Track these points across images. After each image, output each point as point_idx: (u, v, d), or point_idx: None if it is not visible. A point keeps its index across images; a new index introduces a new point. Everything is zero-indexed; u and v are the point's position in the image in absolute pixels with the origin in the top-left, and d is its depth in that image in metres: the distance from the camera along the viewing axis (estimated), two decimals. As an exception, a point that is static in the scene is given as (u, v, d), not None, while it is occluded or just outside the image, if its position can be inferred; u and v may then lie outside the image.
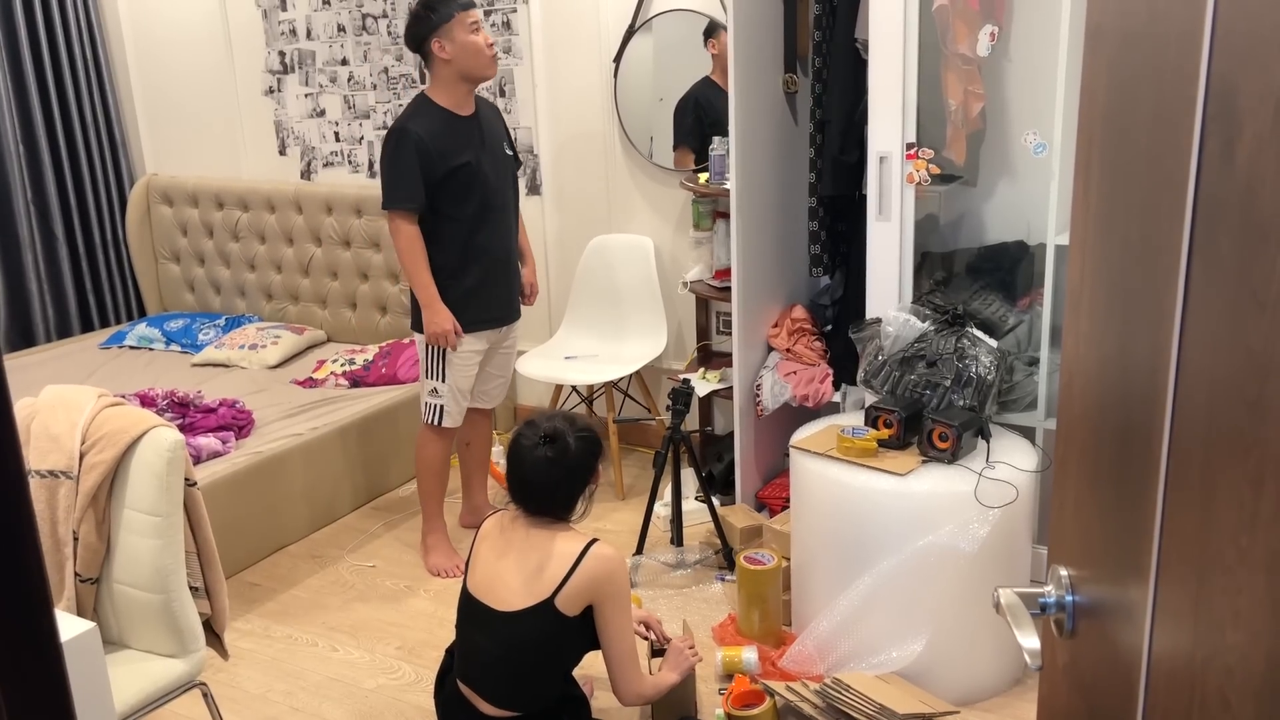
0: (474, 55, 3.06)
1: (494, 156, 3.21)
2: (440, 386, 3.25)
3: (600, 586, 2.21)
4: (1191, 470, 0.83)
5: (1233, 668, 0.77)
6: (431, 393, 3.28)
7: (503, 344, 3.43)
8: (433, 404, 3.28)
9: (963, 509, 2.54)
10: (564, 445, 2.25)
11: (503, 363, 3.48)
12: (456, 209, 3.13)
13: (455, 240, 3.16)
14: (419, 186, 3.07)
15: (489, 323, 3.29)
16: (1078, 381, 1.13)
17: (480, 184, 3.15)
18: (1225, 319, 0.77)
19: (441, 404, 3.27)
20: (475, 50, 3.06)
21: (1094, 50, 1.08)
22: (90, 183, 4.99)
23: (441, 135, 3.08)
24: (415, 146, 3.04)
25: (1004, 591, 1.13)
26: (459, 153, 3.10)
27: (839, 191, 3.24)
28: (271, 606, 3.28)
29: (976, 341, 2.81)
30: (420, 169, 3.06)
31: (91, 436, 2.15)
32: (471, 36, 3.05)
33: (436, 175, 3.08)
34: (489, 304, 3.27)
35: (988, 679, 2.70)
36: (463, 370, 3.26)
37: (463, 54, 3.06)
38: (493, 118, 3.30)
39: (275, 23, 4.64)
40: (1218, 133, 0.78)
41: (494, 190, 3.19)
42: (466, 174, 3.12)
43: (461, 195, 3.13)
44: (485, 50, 3.07)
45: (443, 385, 3.25)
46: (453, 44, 3.04)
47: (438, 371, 3.24)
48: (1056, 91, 2.73)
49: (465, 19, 3.03)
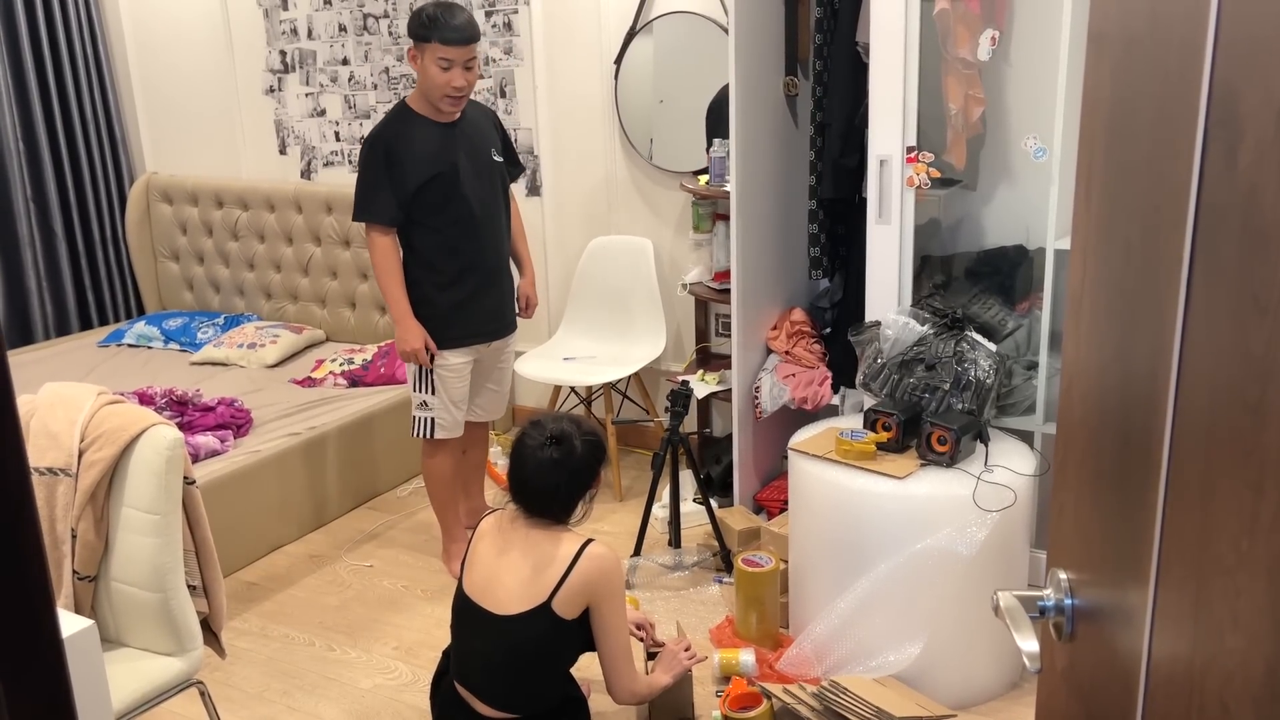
0: (432, 88, 2.98)
1: (478, 164, 3.11)
2: (430, 399, 3.17)
3: (596, 586, 2.21)
4: (1192, 474, 0.83)
5: (1232, 672, 0.77)
6: (420, 405, 3.20)
7: (498, 359, 3.36)
8: (422, 417, 3.20)
9: (961, 512, 2.55)
10: (569, 448, 2.25)
11: (499, 377, 3.41)
12: (435, 219, 3.05)
13: (437, 252, 3.08)
14: (389, 198, 3.00)
15: (476, 337, 3.20)
16: (1078, 385, 1.13)
17: (460, 193, 3.06)
18: (1226, 323, 0.77)
19: (432, 416, 3.19)
20: (434, 84, 2.97)
21: (1096, 56, 1.08)
22: (90, 180, 4.99)
23: (415, 144, 3.01)
24: (385, 157, 2.99)
25: (1003, 594, 1.13)
26: (433, 162, 3.02)
27: (839, 194, 3.25)
28: (269, 606, 3.27)
29: (975, 345, 2.81)
30: (390, 180, 2.99)
31: (91, 434, 2.15)
32: (435, 69, 2.95)
33: (410, 186, 3.00)
34: (475, 318, 3.18)
35: (985, 683, 2.70)
36: (453, 383, 3.19)
37: (424, 79, 2.99)
38: (481, 122, 3.20)
39: (276, 22, 4.64)
40: (1220, 138, 0.79)
41: (477, 199, 3.09)
42: (443, 183, 3.03)
43: (439, 205, 3.05)
44: (444, 88, 2.96)
45: (433, 398, 3.17)
46: (421, 64, 2.98)
47: (426, 384, 3.16)
48: (1057, 96, 2.74)
49: (436, 51, 2.93)
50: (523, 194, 4.25)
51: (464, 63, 2.97)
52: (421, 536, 3.67)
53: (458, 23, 2.95)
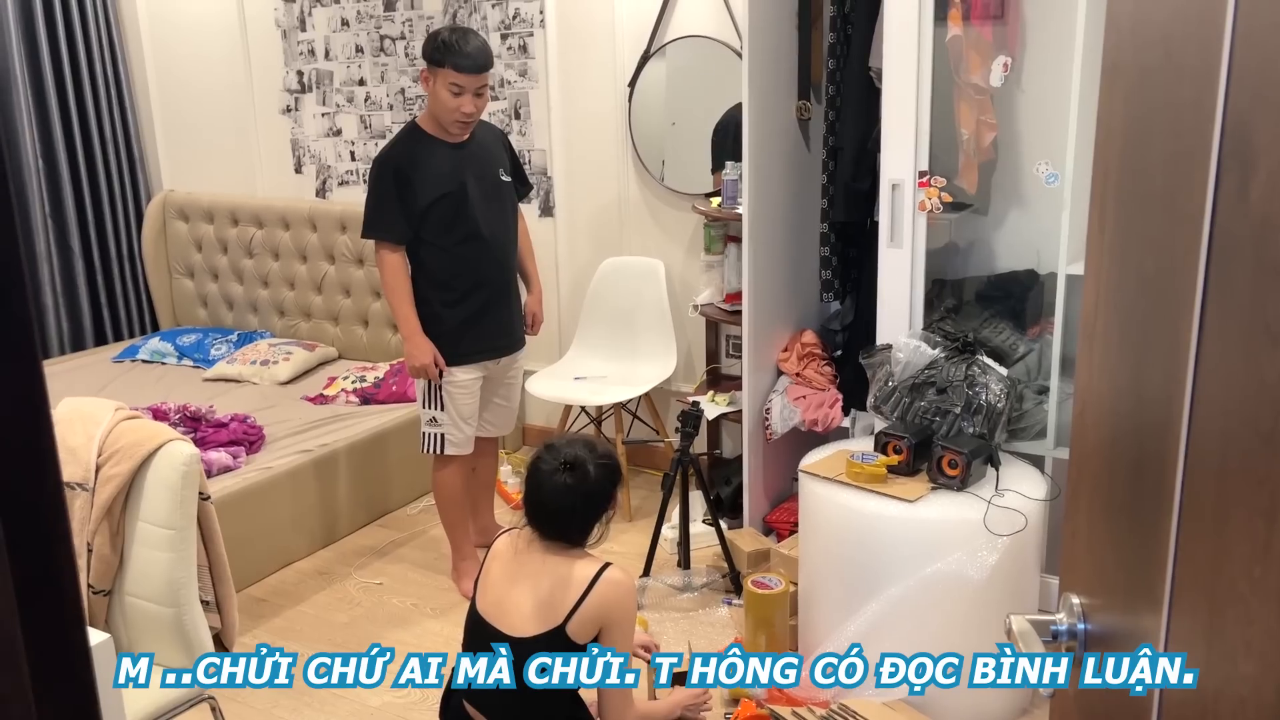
0: (442, 111, 3.02)
1: (486, 184, 3.15)
2: (440, 415, 3.20)
3: (610, 612, 2.21)
4: (1205, 501, 0.84)
5: (1245, 698, 0.78)
6: (430, 422, 3.22)
7: (506, 374, 3.38)
8: (431, 433, 3.23)
9: (972, 536, 2.54)
10: (584, 472, 2.24)
11: (508, 392, 3.44)
12: (444, 238, 3.09)
13: (446, 270, 3.11)
14: (398, 216, 3.04)
15: (485, 354, 3.23)
16: (1091, 411, 1.14)
17: (468, 213, 3.09)
18: (1239, 352, 0.78)
19: (442, 432, 3.21)
20: (444, 108, 3.01)
21: (1110, 85, 1.09)
22: (107, 197, 5.04)
23: (423, 164, 3.05)
24: (394, 176, 3.02)
25: (1015, 618, 1.13)
26: (443, 181, 3.06)
27: (851, 218, 3.26)
28: (278, 622, 3.28)
29: (986, 369, 2.81)
30: (400, 198, 3.03)
31: (108, 449, 2.16)
32: (446, 93, 2.98)
33: (419, 205, 3.04)
34: (484, 335, 3.21)
35: (994, 708, 2.69)
36: (462, 400, 3.21)
37: (435, 102, 3.03)
38: (491, 143, 3.23)
39: (294, 43, 4.69)
40: (1233, 169, 0.80)
41: (485, 219, 3.13)
42: (451, 203, 3.07)
43: (448, 224, 3.08)
44: (454, 113, 3.00)
45: (442, 414, 3.20)
46: (432, 87, 3.02)
47: (435, 401, 3.19)
48: (1069, 123, 2.75)
49: (449, 76, 2.96)
50: (536, 215, 4.28)
51: (475, 89, 3.01)
52: (431, 554, 3.67)
53: (471, 50, 2.98)
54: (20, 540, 0.66)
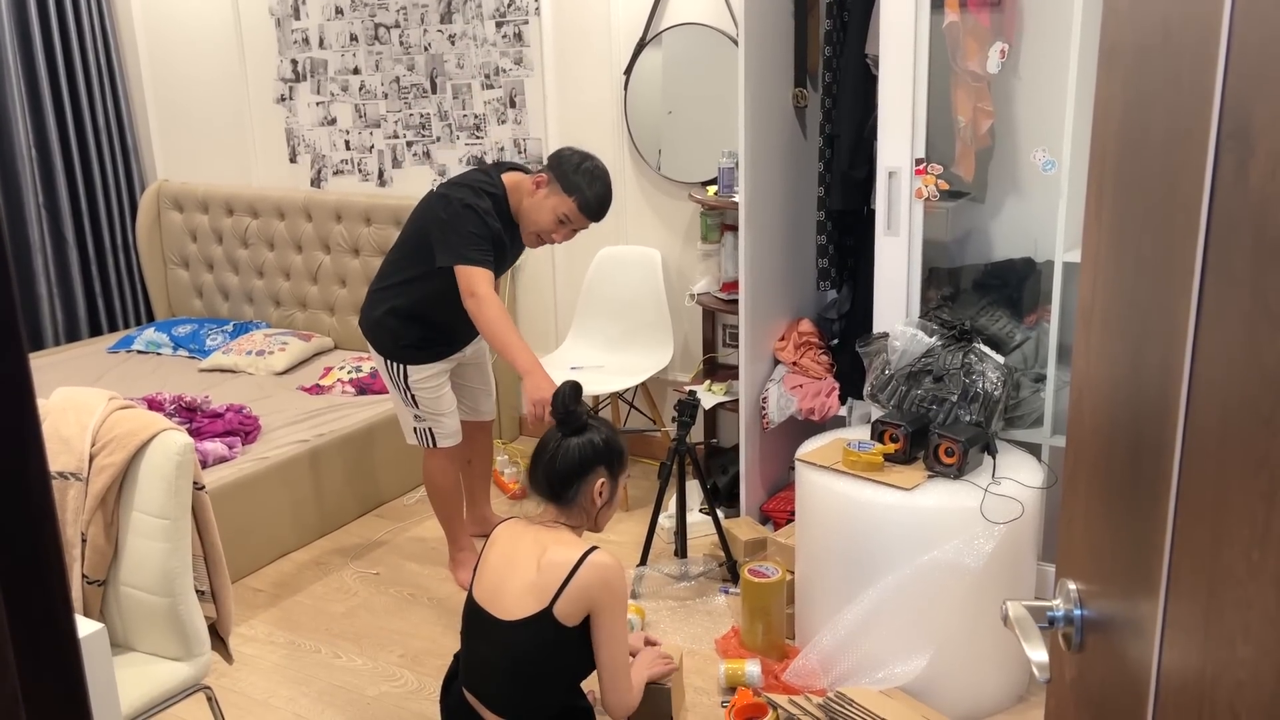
0: (536, 223, 3.01)
1: (503, 266, 3.15)
2: (419, 412, 3.21)
3: (596, 594, 2.21)
4: (1203, 486, 0.84)
5: (1243, 682, 0.77)
6: (415, 418, 3.23)
7: (473, 360, 3.38)
8: (420, 429, 3.23)
9: (968, 524, 2.54)
10: (578, 419, 2.36)
11: (477, 375, 3.44)
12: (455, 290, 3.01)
13: (446, 303, 3.02)
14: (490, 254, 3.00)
15: (439, 356, 3.21)
16: (1088, 396, 1.14)
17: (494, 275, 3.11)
18: (1239, 336, 0.78)
19: (429, 427, 3.22)
20: (540, 224, 3.00)
21: (1108, 67, 1.08)
22: (101, 187, 5.02)
23: (502, 244, 3.04)
24: (490, 230, 2.98)
25: (1012, 604, 1.13)
26: (502, 265, 3.09)
27: (848, 206, 3.25)
28: (275, 612, 3.28)
29: (983, 357, 2.81)
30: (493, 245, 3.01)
31: (102, 439, 2.15)
32: (553, 216, 2.97)
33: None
34: (446, 346, 3.21)
35: (992, 695, 2.69)
36: (432, 394, 3.20)
37: (537, 211, 3.00)
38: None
39: (288, 31, 4.67)
40: (1231, 151, 0.79)
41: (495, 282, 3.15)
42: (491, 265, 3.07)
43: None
44: (546, 234, 3.01)
45: (421, 411, 3.20)
46: (544, 196, 2.98)
47: (409, 400, 3.19)
48: (1066, 109, 2.75)
49: (569, 206, 2.95)
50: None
51: (576, 230, 3.04)
52: (428, 544, 3.67)
53: (604, 204, 3.00)
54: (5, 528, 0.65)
